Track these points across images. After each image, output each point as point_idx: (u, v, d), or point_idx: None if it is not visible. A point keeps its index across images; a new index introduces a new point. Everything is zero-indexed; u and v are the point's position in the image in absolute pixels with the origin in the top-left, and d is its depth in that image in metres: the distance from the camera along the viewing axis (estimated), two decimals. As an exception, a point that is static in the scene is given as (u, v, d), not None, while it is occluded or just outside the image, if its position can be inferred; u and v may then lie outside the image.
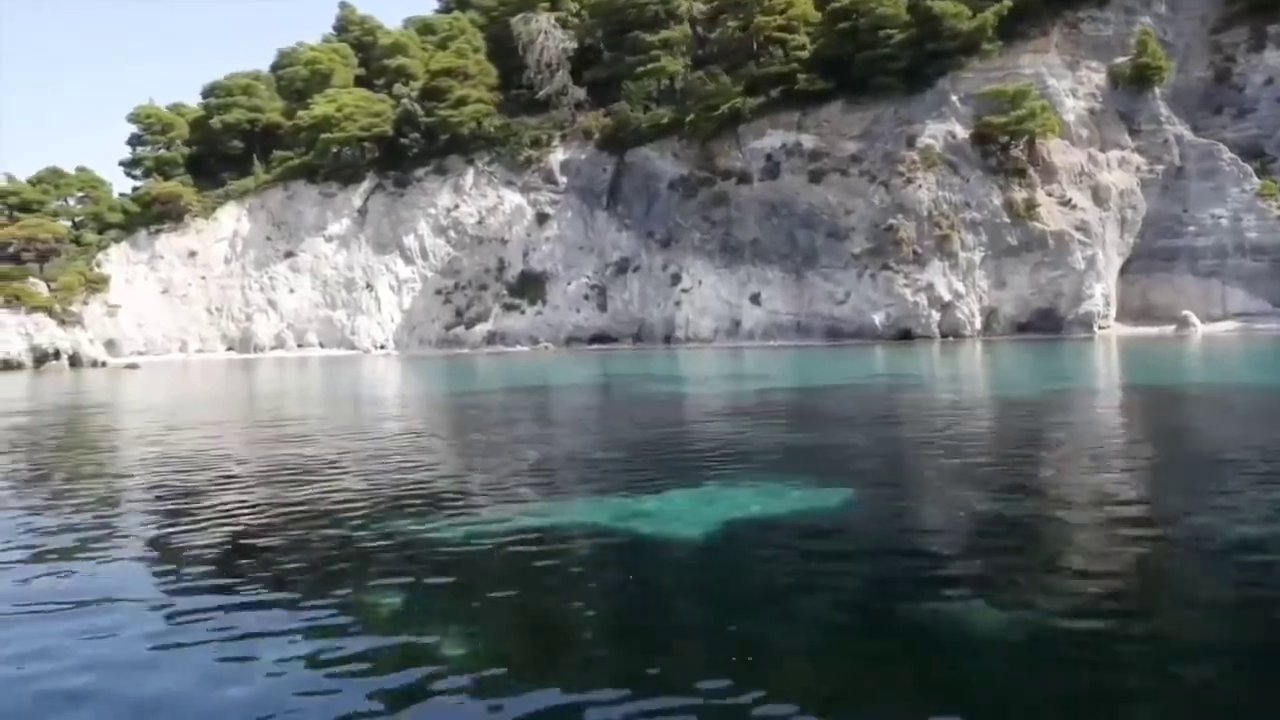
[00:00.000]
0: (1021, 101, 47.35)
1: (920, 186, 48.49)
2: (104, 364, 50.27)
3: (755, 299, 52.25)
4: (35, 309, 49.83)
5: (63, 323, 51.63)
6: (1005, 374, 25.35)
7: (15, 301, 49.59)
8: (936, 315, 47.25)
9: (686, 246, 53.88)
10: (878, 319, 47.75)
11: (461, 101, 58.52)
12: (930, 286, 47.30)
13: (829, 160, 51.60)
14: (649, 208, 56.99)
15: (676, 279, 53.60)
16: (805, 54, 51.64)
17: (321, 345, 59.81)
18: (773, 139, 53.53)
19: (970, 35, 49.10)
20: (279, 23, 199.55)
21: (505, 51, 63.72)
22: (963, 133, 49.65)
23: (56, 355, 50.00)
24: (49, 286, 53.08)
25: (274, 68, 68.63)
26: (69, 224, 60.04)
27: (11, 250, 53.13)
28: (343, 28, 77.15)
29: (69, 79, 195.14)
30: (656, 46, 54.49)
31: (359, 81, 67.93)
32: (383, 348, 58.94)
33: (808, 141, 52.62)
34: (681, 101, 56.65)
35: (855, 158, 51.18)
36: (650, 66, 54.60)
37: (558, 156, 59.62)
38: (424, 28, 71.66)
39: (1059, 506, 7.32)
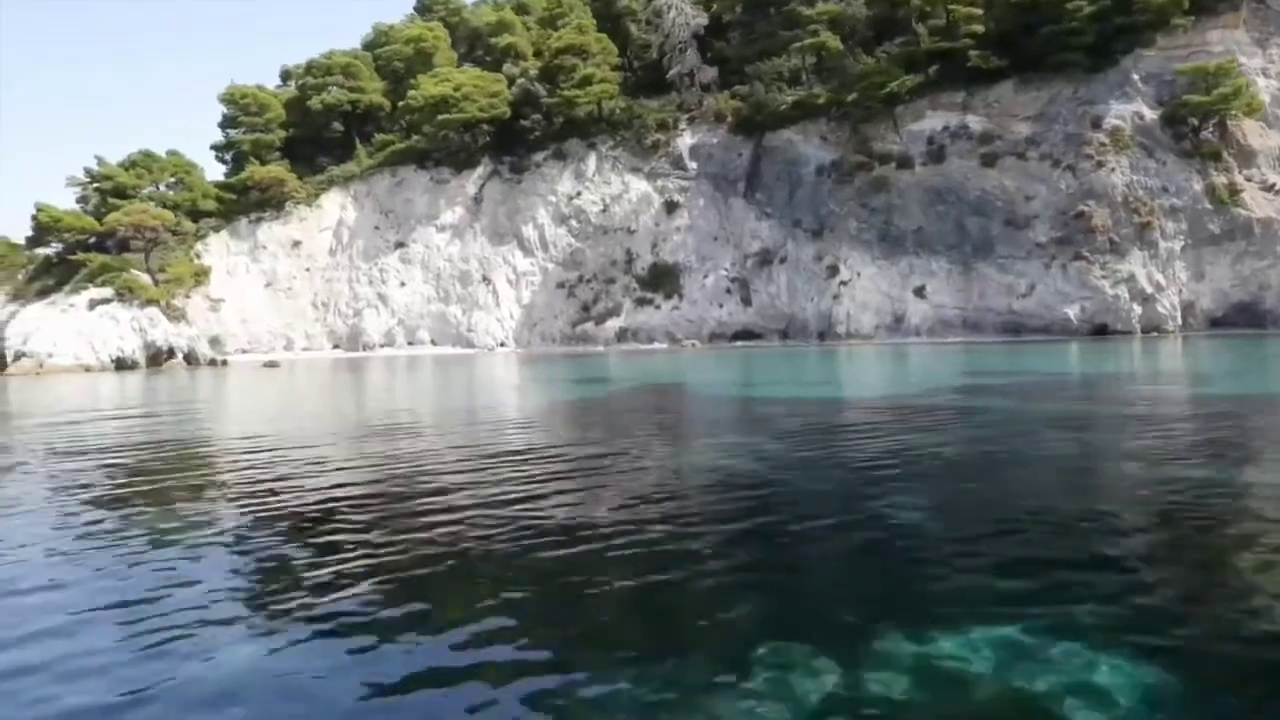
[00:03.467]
0: (1223, 79, 44.06)
1: (1113, 170, 45.05)
2: (223, 362, 46.15)
3: (919, 292, 48.68)
4: (149, 303, 45.59)
5: (171, 318, 47.44)
6: None
7: (128, 294, 45.35)
8: (1138, 309, 43.82)
9: (842, 236, 50.24)
10: (1072, 313, 44.26)
11: (586, 81, 54.64)
12: (1131, 278, 43.85)
13: (1002, 143, 48.08)
14: (791, 195, 53.32)
15: (833, 271, 49.92)
16: (979, 29, 47.89)
17: (433, 343, 55.81)
18: (933, 120, 50.02)
19: (1162, 9, 45.70)
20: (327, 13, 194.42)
21: (610, 30, 59.99)
22: (1150, 113, 46.31)
23: (171, 353, 45.81)
24: (154, 278, 48.84)
25: (369, 46, 64.40)
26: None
27: (117, 239, 48.78)
28: (426, 8, 73.15)
29: (110, 68, 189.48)
30: (814, 20, 50.65)
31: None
32: (503, 345, 54.98)
33: (975, 123, 49.09)
34: (826, 81, 53.02)
35: (1031, 140, 47.68)
36: (808, 42, 50.76)
37: (686, 141, 55.86)
38: (519, 7, 67.78)
39: None
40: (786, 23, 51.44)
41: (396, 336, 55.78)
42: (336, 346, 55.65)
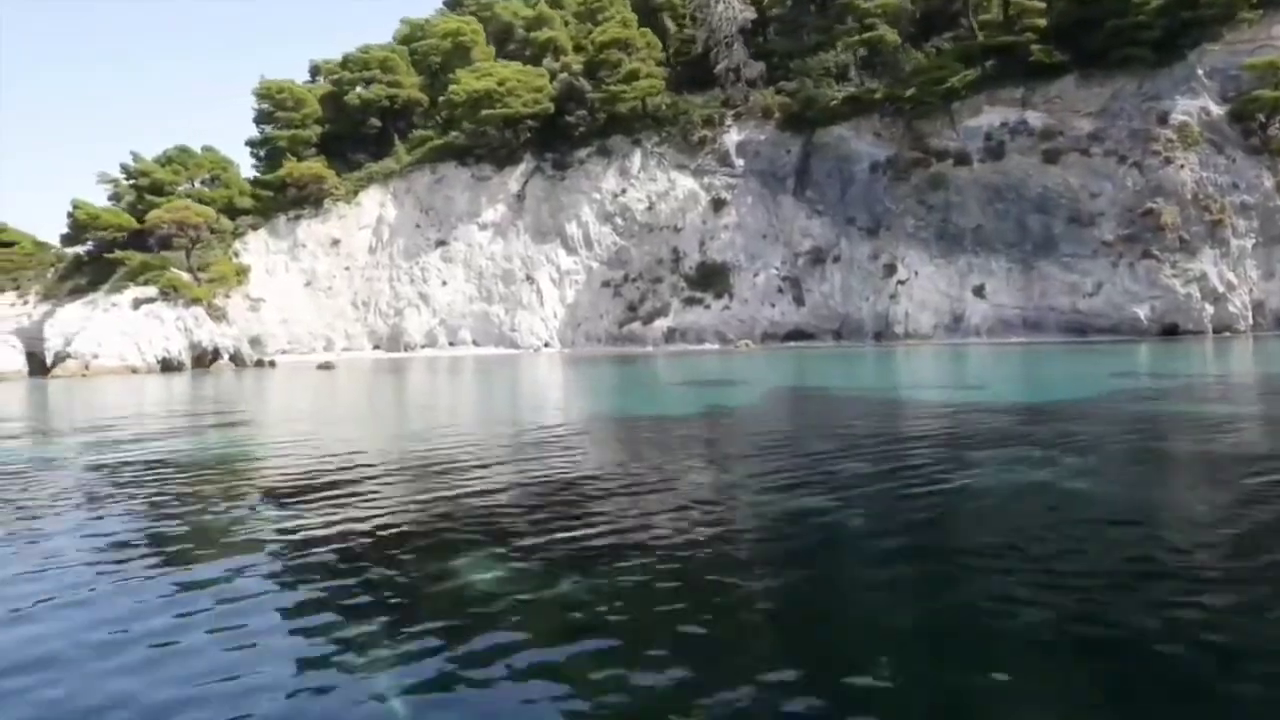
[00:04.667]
0: (1295, 74, 43.19)
1: (1182, 167, 44.15)
2: (271, 363, 44.96)
3: (979, 291, 47.76)
4: (193, 302, 44.38)
5: (214, 318, 46.23)
6: None
7: (172, 294, 44.13)
8: (1209, 309, 42.92)
9: (898, 234, 49.29)
10: (1141, 313, 43.35)
11: (632, 75, 53.56)
12: (1203, 277, 42.95)
13: (1064, 139, 47.15)
14: (844, 192, 52.33)
15: (890, 270, 48.96)
16: (1040, 23, 46.97)
17: (475, 343, 54.67)
18: (991, 116, 49.07)
19: (1230, 3, 44.81)
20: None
21: (648, 25, 58.91)
22: (1215, 109, 45.42)
23: (216, 354, 44.61)
24: (195, 277, 47.61)
25: (403, 40, 63.17)
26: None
27: (157, 236, 47.46)
28: (456, 2, 72.00)
29: (110, 68, 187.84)
30: (870, 14, 49.66)
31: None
32: (546, 345, 53.88)
33: (1035, 119, 48.16)
34: (878, 76, 52.11)
35: (1095, 136, 46.76)
36: (864, 36, 49.77)
37: (732, 137, 54.83)
38: (554, 1, 66.63)
39: None
40: (838, 16, 50.38)
41: (438, 336, 54.64)
42: (377, 347, 54.52)
